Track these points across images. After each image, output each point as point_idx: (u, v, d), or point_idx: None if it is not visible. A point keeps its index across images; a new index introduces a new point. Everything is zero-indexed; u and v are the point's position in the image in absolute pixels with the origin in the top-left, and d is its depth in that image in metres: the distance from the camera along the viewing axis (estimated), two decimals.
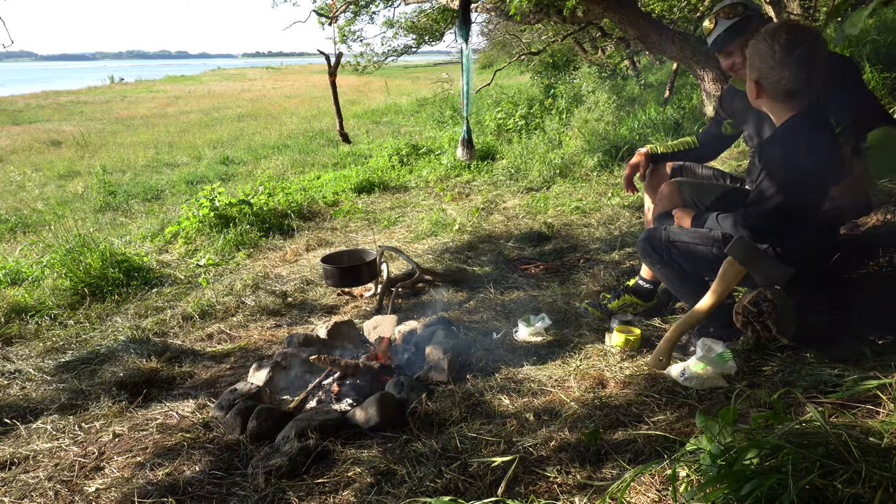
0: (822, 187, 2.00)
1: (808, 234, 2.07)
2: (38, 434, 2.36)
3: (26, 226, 6.50)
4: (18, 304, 3.71)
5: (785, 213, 2.00)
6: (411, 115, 15.01)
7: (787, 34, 1.91)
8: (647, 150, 2.88)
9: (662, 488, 1.60)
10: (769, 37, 1.94)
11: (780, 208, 1.99)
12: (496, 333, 2.82)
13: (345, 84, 24.17)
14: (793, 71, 1.91)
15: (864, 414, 1.70)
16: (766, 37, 1.95)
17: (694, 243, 2.24)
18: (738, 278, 2.08)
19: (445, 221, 4.85)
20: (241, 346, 3.08)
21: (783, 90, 1.96)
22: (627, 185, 2.92)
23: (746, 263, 2.03)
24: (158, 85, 33.94)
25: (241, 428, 2.21)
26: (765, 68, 1.96)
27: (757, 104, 2.11)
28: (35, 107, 21.67)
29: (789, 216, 2.01)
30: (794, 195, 1.97)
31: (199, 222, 5.04)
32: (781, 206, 1.98)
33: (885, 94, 4.41)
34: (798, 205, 1.99)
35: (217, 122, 16.00)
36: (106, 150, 12.04)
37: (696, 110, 6.47)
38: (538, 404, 2.18)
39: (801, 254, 2.08)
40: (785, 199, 1.97)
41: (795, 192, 1.96)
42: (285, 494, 1.86)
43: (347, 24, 12.85)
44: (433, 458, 1.92)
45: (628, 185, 2.92)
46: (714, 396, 2.06)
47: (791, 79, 1.93)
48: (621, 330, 2.55)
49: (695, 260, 2.25)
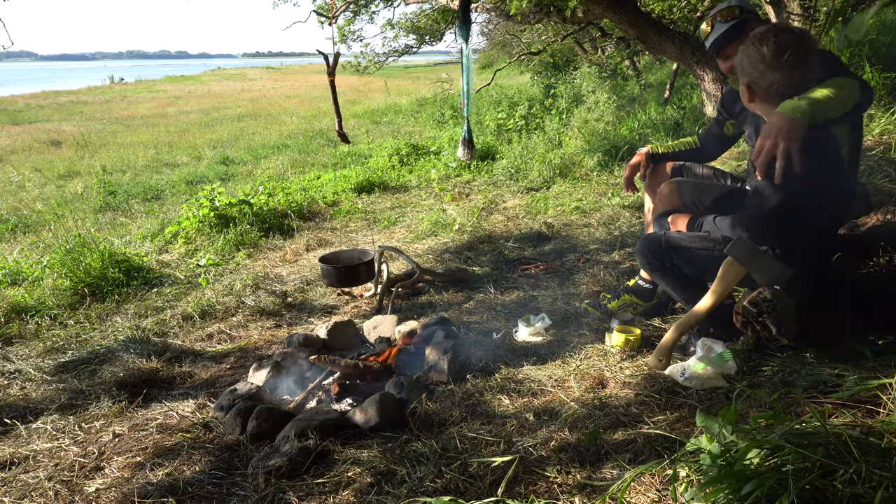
0: (819, 187, 1.99)
1: (808, 234, 2.07)
2: (38, 434, 2.36)
3: (26, 226, 6.50)
4: (18, 304, 3.71)
5: (783, 213, 1.99)
6: (411, 116, 15.01)
7: (775, 38, 1.91)
8: (647, 150, 2.88)
9: (662, 488, 1.60)
10: (758, 41, 1.94)
11: (779, 209, 1.98)
12: (496, 333, 2.82)
13: (345, 84, 24.19)
14: (784, 74, 1.91)
15: (864, 414, 1.70)
16: (754, 41, 1.95)
17: (694, 248, 2.23)
18: (738, 279, 2.08)
19: (445, 221, 4.85)
20: (241, 346, 3.08)
21: (776, 93, 1.96)
22: (627, 185, 2.92)
23: (746, 264, 2.02)
24: (158, 85, 33.96)
25: (240, 428, 2.21)
26: (755, 73, 1.96)
27: (751, 108, 2.10)
28: (35, 107, 21.68)
29: (788, 217, 2.01)
30: (791, 195, 1.97)
31: (199, 222, 5.04)
32: (780, 207, 1.98)
33: (885, 93, 4.41)
34: (796, 205, 1.99)
35: (217, 122, 16.01)
36: (106, 151, 12.05)
37: (696, 110, 6.47)
38: (538, 404, 2.18)
39: (801, 254, 2.08)
40: (783, 199, 1.97)
41: (793, 192, 1.96)
42: (285, 494, 1.86)
43: (347, 23, 12.84)
44: (433, 459, 1.92)
45: (628, 185, 2.92)
46: (714, 396, 2.06)
47: (783, 82, 1.93)
48: (621, 330, 2.54)
49: (696, 264, 2.24)
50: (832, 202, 2.05)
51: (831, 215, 2.14)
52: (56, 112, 20.05)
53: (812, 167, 1.90)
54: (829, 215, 2.11)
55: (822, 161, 1.93)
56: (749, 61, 1.97)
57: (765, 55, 1.91)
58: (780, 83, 1.93)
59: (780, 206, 1.97)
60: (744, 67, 2.00)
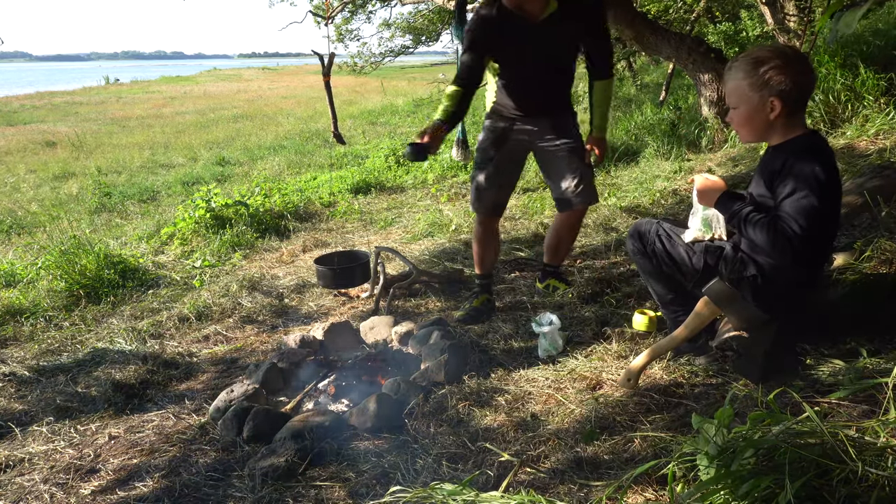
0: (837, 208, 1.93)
1: (819, 258, 2.01)
2: (34, 437, 2.35)
3: (21, 227, 6.46)
4: (13, 306, 3.70)
5: (817, 234, 1.83)
6: (408, 116, 15.00)
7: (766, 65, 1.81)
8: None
9: (659, 489, 1.60)
10: (752, 68, 1.84)
11: (816, 228, 1.79)
12: (494, 333, 2.82)
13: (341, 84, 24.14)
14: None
15: (860, 413, 1.70)
16: (745, 70, 1.85)
17: (675, 255, 2.17)
18: (711, 317, 2.10)
19: (442, 222, 4.84)
20: (238, 348, 3.07)
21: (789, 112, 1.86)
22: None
23: (721, 305, 2.02)
24: (154, 85, 33.84)
25: (237, 430, 2.21)
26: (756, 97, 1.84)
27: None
28: (30, 108, 21.58)
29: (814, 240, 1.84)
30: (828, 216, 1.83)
31: (195, 223, 5.03)
32: (816, 227, 1.79)
33: (879, 94, 4.44)
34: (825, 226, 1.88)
35: (213, 122, 15.96)
36: (101, 151, 12.00)
37: (693, 111, 6.49)
38: (535, 405, 2.18)
39: (782, 288, 1.98)
40: (821, 219, 1.80)
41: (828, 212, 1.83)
42: (282, 496, 1.86)
43: (344, 22, 12.84)
44: (430, 460, 1.92)
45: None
46: (710, 397, 2.06)
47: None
48: (642, 312, 2.64)
49: (671, 262, 2.20)
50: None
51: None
52: (51, 113, 19.96)
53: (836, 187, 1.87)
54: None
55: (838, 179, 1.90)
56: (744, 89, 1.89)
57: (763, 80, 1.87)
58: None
59: (817, 225, 1.80)
60: (742, 97, 1.91)
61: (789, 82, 1.81)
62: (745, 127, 1.94)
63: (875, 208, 2.71)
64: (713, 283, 2.00)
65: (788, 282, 1.94)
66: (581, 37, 2.73)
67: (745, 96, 1.87)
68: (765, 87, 1.82)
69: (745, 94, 1.87)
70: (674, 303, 2.29)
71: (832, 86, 4.65)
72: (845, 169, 3.72)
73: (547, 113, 2.87)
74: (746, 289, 1.96)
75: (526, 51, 2.68)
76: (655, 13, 9.60)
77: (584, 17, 2.65)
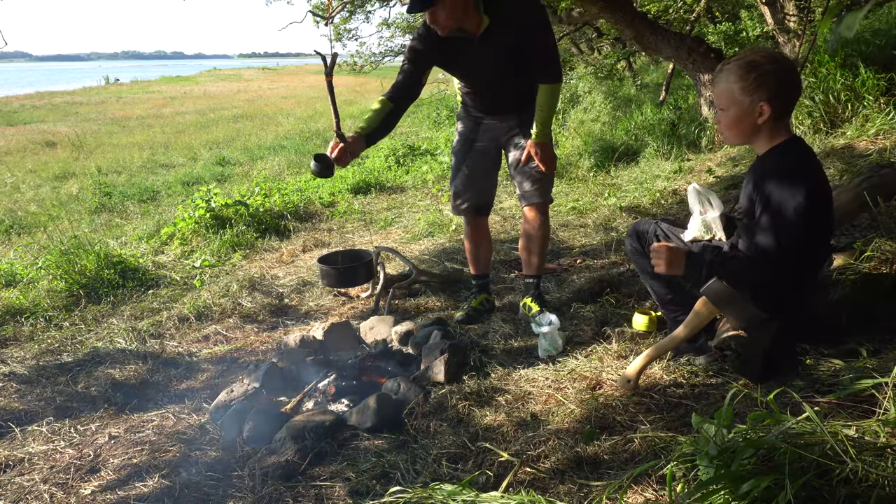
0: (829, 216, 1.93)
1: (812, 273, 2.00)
2: (34, 437, 2.35)
3: (21, 227, 6.46)
4: (13, 306, 3.69)
5: (799, 250, 1.86)
6: (407, 116, 14.96)
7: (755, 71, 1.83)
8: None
9: (659, 489, 1.60)
10: (744, 72, 1.84)
11: (794, 239, 1.83)
12: (494, 333, 2.82)
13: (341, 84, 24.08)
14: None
15: (860, 413, 1.70)
16: (737, 74, 1.86)
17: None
18: (710, 317, 2.10)
19: (442, 222, 4.84)
20: (238, 348, 3.07)
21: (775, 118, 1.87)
22: None
23: (720, 305, 2.02)
24: (154, 85, 33.83)
25: (237, 429, 2.21)
26: (747, 101, 1.86)
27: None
28: (30, 108, 21.57)
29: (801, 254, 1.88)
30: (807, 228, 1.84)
31: (195, 223, 5.02)
32: (795, 237, 1.83)
33: (879, 94, 4.43)
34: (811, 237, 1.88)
35: (213, 122, 15.95)
36: (101, 151, 11.99)
37: (693, 111, 6.49)
38: (535, 405, 2.18)
39: (780, 287, 1.99)
40: (800, 229, 1.82)
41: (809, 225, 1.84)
42: (282, 496, 1.86)
43: (343, 21, 12.85)
44: (430, 459, 1.92)
45: None
46: (710, 397, 2.06)
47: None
48: (642, 312, 2.64)
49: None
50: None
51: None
52: (51, 113, 19.95)
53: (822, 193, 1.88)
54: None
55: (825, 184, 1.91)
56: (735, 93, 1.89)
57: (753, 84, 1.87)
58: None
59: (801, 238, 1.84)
60: (732, 99, 1.92)
61: (779, 88, 1.82)
62: (732, 129, 1.94)
63: (875, 208, 2.71)
64: (712, 283, 2.00)
65: (787, 282, 1.95)
66: (519, 46, 2.62)
67: (735, 99, 1.88)
68: (755, 91, 1.83)
69: (735, 97, 1.88)
70: (673, 302, 2.29)
71: (832, 86, 4.63)
72: (845, 169, 3.73)
73: (512, 111, 2.84)
74: (745, 288, 1.96)
75: (471, 63, 2.70)
76: (655, 13, 9.60)
77: (512, 31, 2.57)
